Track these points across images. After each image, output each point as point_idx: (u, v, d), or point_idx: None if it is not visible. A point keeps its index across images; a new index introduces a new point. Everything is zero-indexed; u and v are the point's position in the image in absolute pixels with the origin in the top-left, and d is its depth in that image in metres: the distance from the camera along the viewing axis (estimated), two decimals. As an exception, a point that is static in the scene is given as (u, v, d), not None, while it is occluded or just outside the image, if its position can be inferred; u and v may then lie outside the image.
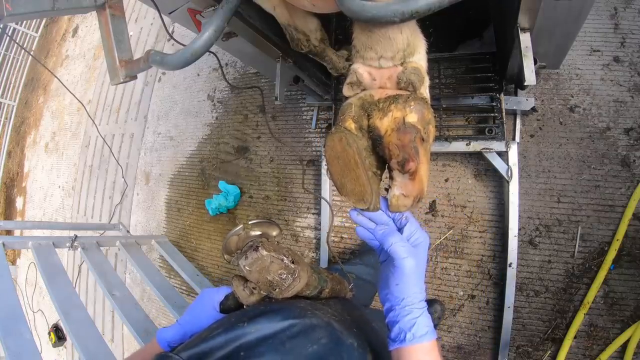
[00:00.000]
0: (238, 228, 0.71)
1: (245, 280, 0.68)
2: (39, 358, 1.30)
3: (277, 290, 0.64)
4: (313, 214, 2.10)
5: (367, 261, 1.48)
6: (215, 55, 1.10)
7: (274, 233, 0.73)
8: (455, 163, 1.79)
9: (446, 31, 1.62)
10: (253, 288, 0.67)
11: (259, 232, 0.72)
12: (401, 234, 0.60)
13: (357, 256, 1.84)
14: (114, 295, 1.84)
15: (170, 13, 1.02)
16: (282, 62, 1.35)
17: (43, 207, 3.78)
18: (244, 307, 0.70)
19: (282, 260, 0.63)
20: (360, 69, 0.68)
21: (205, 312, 0.70)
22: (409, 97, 0.60)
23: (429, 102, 0.65)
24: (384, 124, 0.60)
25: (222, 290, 0.73)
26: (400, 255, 0.56)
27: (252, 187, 2.33)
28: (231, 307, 0.71)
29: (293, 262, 0.64)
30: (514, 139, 1.68)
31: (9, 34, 4.57)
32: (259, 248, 0.62)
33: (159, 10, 0.96)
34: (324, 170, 1.90)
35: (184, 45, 0.79)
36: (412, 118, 0.58)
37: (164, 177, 2.78)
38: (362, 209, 0.66)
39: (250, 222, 0.73)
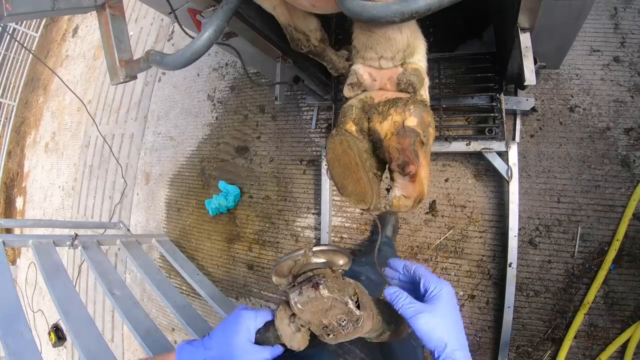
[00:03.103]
0: (298, 253, 0.57)
1: (293, 313, 0.56)
2: (39, 358, 1.31)
3: (331, 336, 0.53)
4: (313, 214, 2.10)
5: (373, 260, 1.47)
6: (234, 48, 1.09)
7: (341, 262, 0.61)
8: (455, 163, 1.79)
9: (446, 31, 1.62)
10: (301, 326, 0.56)
11: (323, 260, 0.59)
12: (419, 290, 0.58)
13: (362, 254, 1.83)
14: (114, 294, 1.84)
15: (170, 13, 1.02)
16: (282, 62, 1.35)
17: (43, 207, 3.78)
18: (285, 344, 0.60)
19: (347, 304, 0.52)
20: (361, 70, 0.68)
21: (238, 340, 0.60)
22: (408, 101, 0.60)
23: (429, 103, 0.65)
24: (383, 127, 0.61)
25: (261, 315, 0.62)
26: (408, 315, 0.54)
27: (252, 187, 2.33)
28: (270, 341, 0.60)
29: (359, 307, 0.53)
30: (514, 139, 1.68)
31: (9, 33, 4.57)
32: (320, 286, 0.51)
33: (171, 6, 0.94)
34: (324, 171, 1.90)
35: (192, 37, 0.79)
36: (412, 122, 0.58)
37: (164, 177, 2.78)
38: (363, 209, 0.66)
39: (314, 249, 0.59)
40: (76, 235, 1.96)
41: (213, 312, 2.20)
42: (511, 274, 1.53)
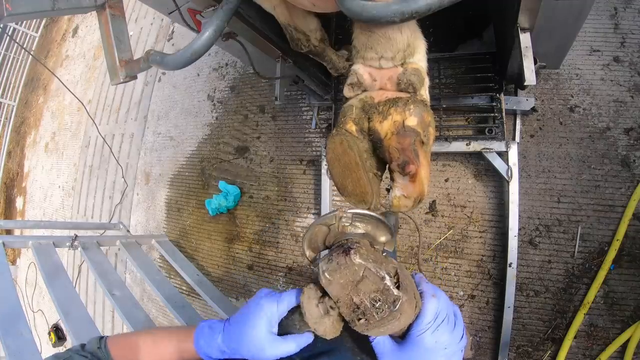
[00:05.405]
0: (332, 214, 0.49)
1: (323, 293, 0.48)
2: (39, 358, 1.31)
3: (362, 320, 0.43)
4: (313, 214, 2.10)
5: None
6: (240, 43, 1.10)
7: (383, 239, 0.52)
8: (455, 163, 1.79)
9: (446, 31, 1.62)
10: (331, 307, 0.47)
11: (361, 231, 0.51)
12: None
13: None
14: (114, 294, 1.84)
15: (170, 13, 1.02)
16: (282, 62, 1.35)
17: (43, 207, 3.78)
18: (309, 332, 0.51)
19: (383, 278, 0.42)
20: (361, 70, 0.68)
21: (257, 333, 0.51)
22: (408, 100, 0.60)
23: (429, 103, 0.65)
24: (384, 127, 0.61)
25: (286, 298, 0.53)
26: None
27: (252, 187, 2.33)
28: (294, 325, 0.52)
29: (398, 287, 0.43)
30: (514, 139, 1.67)
31: (9, 34, 4.57)
32: (351, 252, 0.44)
33: (178, 6, 0.94)
34: (324, 171, 1.90)
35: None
36: (412, 121, 0.58)
37: (164, 177, 2.78)
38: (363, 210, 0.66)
39: (350, 210, 0.50)
40: (76, 236, 1.96)
41: (213, 312, 2.19)
42: (511, 274, 1.53)
